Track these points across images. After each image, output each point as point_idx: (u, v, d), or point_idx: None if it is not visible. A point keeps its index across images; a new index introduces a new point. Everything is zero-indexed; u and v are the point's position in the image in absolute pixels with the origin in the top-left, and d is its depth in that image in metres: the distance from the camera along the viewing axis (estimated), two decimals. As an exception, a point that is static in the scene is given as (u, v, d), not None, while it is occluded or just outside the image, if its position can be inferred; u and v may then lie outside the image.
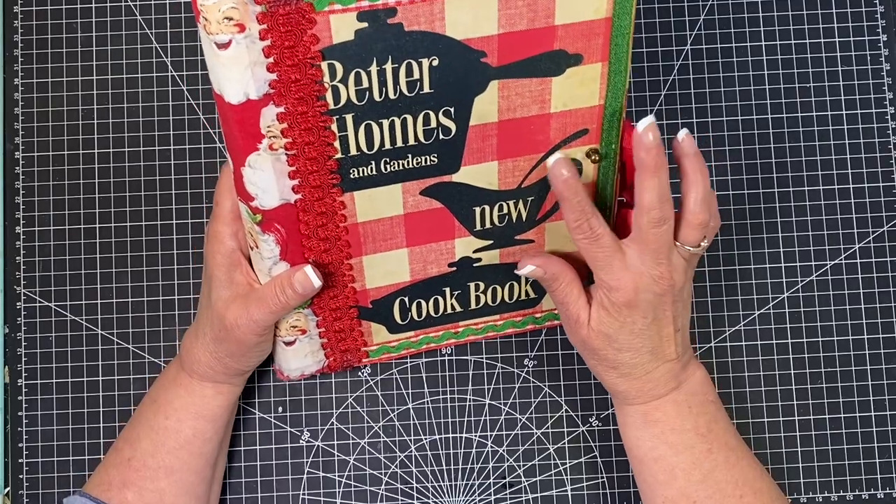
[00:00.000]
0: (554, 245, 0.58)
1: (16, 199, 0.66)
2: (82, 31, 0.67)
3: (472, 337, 0.63)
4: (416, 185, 0.53)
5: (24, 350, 0.65)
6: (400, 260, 0.57)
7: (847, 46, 0.67)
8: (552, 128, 0.53)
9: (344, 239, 0.54)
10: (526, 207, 0.56)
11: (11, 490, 0.64)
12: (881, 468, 0.64)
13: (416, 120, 0.50)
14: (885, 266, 0.65)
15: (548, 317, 0.63)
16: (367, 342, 0.61)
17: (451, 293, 0.60)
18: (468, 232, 0.57)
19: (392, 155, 0.51)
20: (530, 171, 0.54)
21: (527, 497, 0.64)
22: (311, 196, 0.52)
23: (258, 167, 0.50)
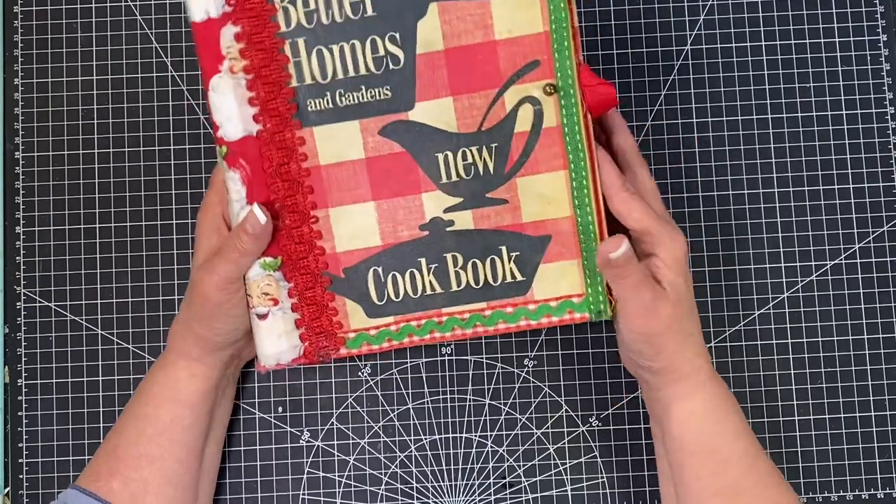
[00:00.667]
0: (529, 206, 0.56)
1: (16, 199, 0.66)
2: (82, 31, 0.67)
3: (459, 330, 0.57)
4: (373, 122, 0.54)
5: (24, 350, 0.65)
6: (367, 216, 0.56)
7: (847, 46, 0.67)
8: (501, 58, 0.53)
9: (307, 184, 0.55)
10: (491, 156, 0.55)
11: (11, 490, 0.64)
12: (881, 468, 0.64)
13: (365, 46, 0.53)
14: (885, 266, 0.65)
15: (543, 310, 0.57)
16: (342, 325, 0.58)
17: (427, 266, 0.57)
18: (434, 185, 0.56)
19: (346, 86, 0.54)
20: (487, 109, 0.54)
21: (527, 497, 0.64)
22: (272, 127, 0.54)
23: (220, 91, 0.53)
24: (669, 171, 0.66)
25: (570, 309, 0.56)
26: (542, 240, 0.56)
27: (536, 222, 0.56)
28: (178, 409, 0.57)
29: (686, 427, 0.55)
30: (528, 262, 0.56)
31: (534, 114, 0.54)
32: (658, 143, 0.66)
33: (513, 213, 0.56)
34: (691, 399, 0.55)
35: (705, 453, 0.54)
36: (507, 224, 0.56)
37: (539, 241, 0.56)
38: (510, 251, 0.56)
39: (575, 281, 0.56)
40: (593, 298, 0.56)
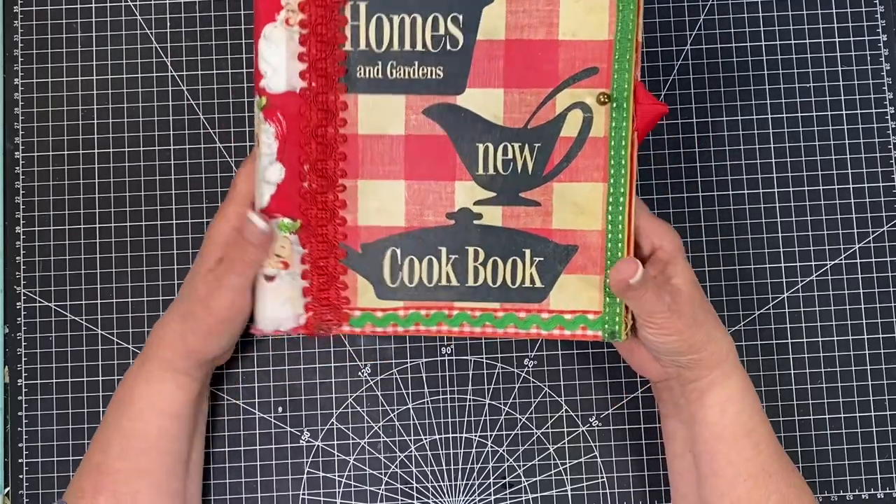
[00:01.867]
0: (562, 213, 0.54)
1: (16, 199, 0.66)
2: (82, 31, 0.67)
3: (468, 327, 0.56)
4: (420, 100, 0.53)
5: (24, 350, 0.65)
6: (396, 194, 0.54)
7: (847, 46, 0.67)
8: (560, 58, 0.53)
9: (341, 150, 0.54)
10: (532, 156, 0.54)
11: (11, 490, 0.64)
12: (881, 468, 0.64)
13: (426, 22, 0.53)
14: (885, 266, 0.65)
15: (556, 321, 0.55)
16: (350, 301, 0.55)
17: (447, 255, 0.55)
18: (470, 175, 0.54)
19: (399, 58, 0.53)
20: (537, 108, 0.53)
21: (527, 497, 0.64)
22: (317, 86, 0.53)
23: (273, 40, 0.52)
24: (669, 171, 0.66)
25: (583, 325, 0.55)
26: (568, 249, 0.55)
27: (566, 231, 0.54)
28: (165, 421, 0.57)
29: (725, 409, 0.55)
30: (549, 270, 0.55)
31: (583, 120, 0.53)
32: (658, 143, 0.66)
33: (543, 217, 0.54)
34: (728, 382, 0.55)
35: (742, 436, 0.55)
36: (536, 227, 0.55)
37: (565, 250, 0.55)
38: (534, 255, 0.55)
39: (594, 297, 0.55)
40: (609, 318, 0.55)
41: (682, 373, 0.55)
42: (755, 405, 0.56)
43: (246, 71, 0.67)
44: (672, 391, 0.57)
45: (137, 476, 0.56)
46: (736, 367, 0.56)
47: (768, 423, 0.56)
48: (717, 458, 0.55)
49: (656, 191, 0.66)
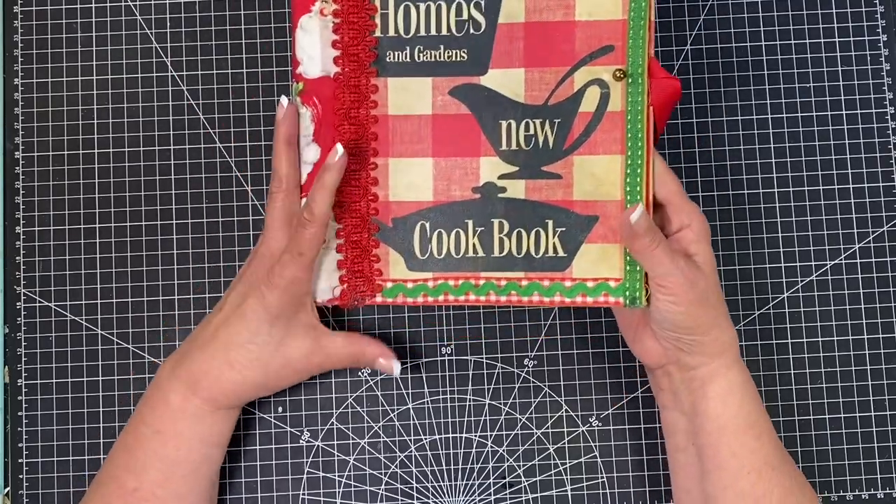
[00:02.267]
0: (582, 184, 0.57)
1: (16, 199, 0.66)
2: (82, 31, 0.67)
3: (494, 296, 0.58)
4: (445, 81, 0.57)
5: (24, 350, 0.65)
6: (424, 171, 0.57)
7: (847, 46, 0.67)
8: (577, 38, 0.56)
9: (372, 130, 0.57)
10: (553, 131, 0.57)
11: (11, 490, 0.64)
12: (881, 468, 0.64)
13: (450, 8, 0.56)
14: (885, 266, 0.65)
15: (579, 288, 0.57)
16: (382, 273, 0.58)
17: (473, 228, 0.58)
18: (494, 151, 0.57)
19: (426, 43, 0.57)
20: (556, 86, 0.56)
21: (527, 497, 0.64)
22: (349, 71, 0.57)
23: (308, 30, 0.56)
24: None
25: (605, 291, 0.57)
26: (588, 219, 0.57)
27: (586, 201, 0.57)
28: (212, 451, 0.58)
29: (727, 401, 0.55)
30: (571, 240, 0.57)
31: (600, 96, 0.56)
32: (659, 143, 0.66)
33: (564, 189, 0.57)
34: (730, 374, 0.55)
35: (745, 427, 0.55)
36: (558, 199, 0.57)
37: (586, 221, 0.57)
38: (556, 226, 0.57)
39: (615, 265, 0.57)
40: (630, 285, 0.57)
41: (682, 357, 0.55)
42: (756, 398, 0.56)
43: (246, 71, 0.67)
44: (671, 378, 0.57)
45: (175, 500, 0.56)
46: (737, 360, 0.56)
47: (769, 417, 0.56)
48: (720, 450, 0.55)
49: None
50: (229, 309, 0.57)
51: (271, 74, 0.67)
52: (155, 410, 0.57)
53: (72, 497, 0.64)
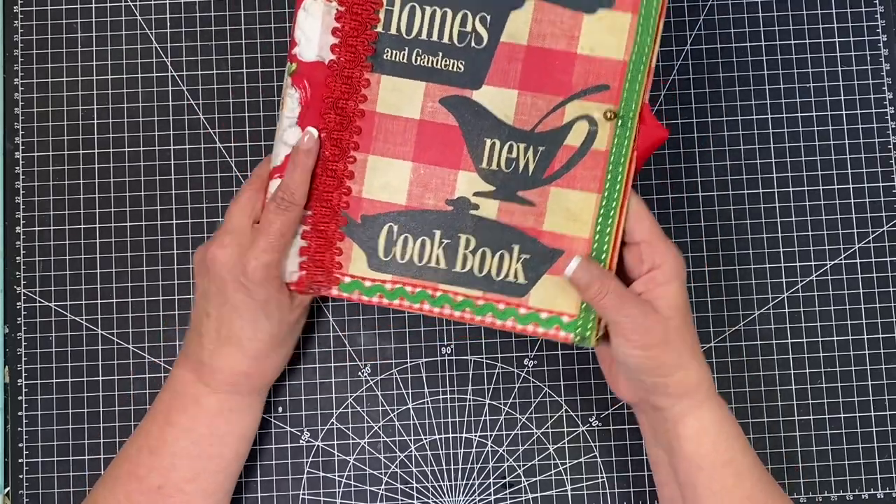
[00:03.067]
0: (554, 216, 0.56)
1: (16, 199, 0.66)
2: (82, 31, 0.67)
3: (448, 309, 0.57)
4: (438, 89, 0.56)
5: (24, 350, 0.65)
6: (402, 174, 0.57)
7: (847, 46, 0.67)
8: (576, 71, 0.55)
9: (357, 124, 0.57)
10: (535, 158, 0.56)
11: (11, 490, 0.64)
12: (881, 468, 0.64)
13: (455, 17, 0.56)
14: (885, 266, 0.65)
15: (532, 317, 0.57)
16: (342, 266, 0.58)
17: (440, 239, 0.57)
18: (474, 167, 0.57)
19: (425, 47, 0.56)
20: (547, 114, 0.56)
21: (527, 497, 0.64)
22: (344, 61, 0.56)
23: (311, 13, 0.56)
24: (669, 171, 0.66)
25: (557, 325, 0.56)
26: (554, 252, 0.56)
27: (555, 233, 0.56)
28: (242, 445, 0.59)
29: (699, 441, 0.54)
30: (533, 268, 0.56)
31: (588, 133, 0.55)
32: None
33: (536, 217, 0.56)
34: (700, 412, 0.55)
35: (720, 466, 0.54)
36: (528, 226, 0.56)
37: (551, 252, 0.56)
38: (521, 252, 0.56)
39: (572, 300, 0.56)
40: (583, 323, 0.56)
41: (649, 398, 0.55)
42: (733, 434, 0.55)
43: (246, 71, 0.67)
44: (647, 416, 0.57)
45: (202, 498, 0.57)
46: (709, 397, 0.55)
47: (752, 452, 0.56)
48: (698, 489, 0.54)
49: (656, 191, 0.66)
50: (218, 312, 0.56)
51: (271, 75, 0.67)
52: (187, 412, 0.57)
53: (72, 497, 0.64)
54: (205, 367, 0.57)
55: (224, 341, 0.56)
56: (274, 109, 0.66)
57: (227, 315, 0.56)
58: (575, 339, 0.56)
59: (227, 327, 0.56)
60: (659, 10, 0.54)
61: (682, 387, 0.54)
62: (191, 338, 0.58)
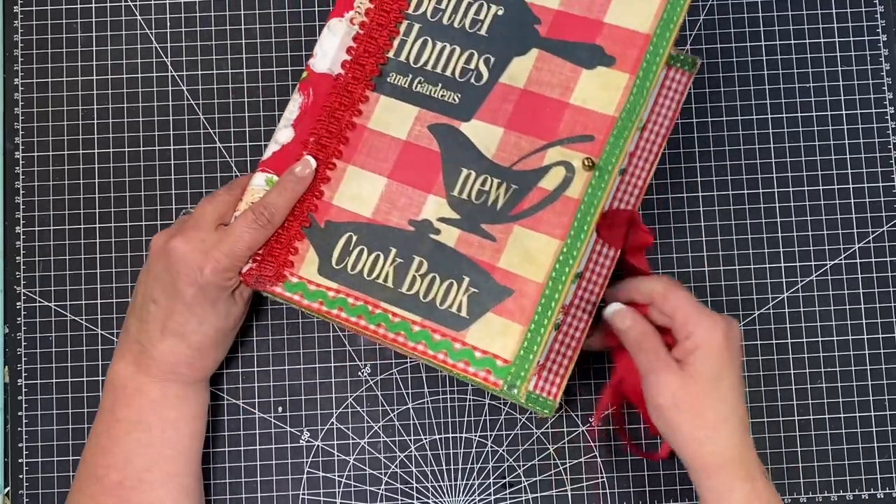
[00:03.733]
0: (512, 254, 0.55)
1: (16, 199, 0.66)
2: (82, 31, 0.67)
3: (383, 329, 0.56)
4: (429, 115, 0.58)
5: (24, 350, 0.65)
6: (375, 187, 0.58)
7: (847, 46, 0.67)
8: (564, 119, 0.56)
9: (346, 134, 0.59)
10: (506, 194, 0.56)
11: (11, 490, 0.64)
12: (881, 468, 0.64)
13: (462, 55, 0.58)
14: (885, 266, 0.65)
15: (464, 354, 0.54)
16: (293, 265, 0.58)
17: (394, 257, 0.56)
18: (445, 193, 0.57)
19: (427, 77, 0.59)
20: (527, 154, 0.56)
21: (527, 497, 0.64)
22: (350, 77, 0.59)
23: (334, 31, 0.60)
24: (669, 172, 0.66)
25: (488, 368, 0.54)
26: (503, 290, 0.55)
27: (508, 272, 0.55)
28: (197, 425, 0.59)
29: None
30: (479, 304, 0.55)
31: (563, 178, 0.55)
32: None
33: (493, 252, 0.55)
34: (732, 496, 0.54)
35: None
36: (483, 259, 0.55)
37: (500, 290, 0.55)
38: (470, 285, 0.55)
39: (509, 345, 0.54)
40: (515, 371, 0.53)
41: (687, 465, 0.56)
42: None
43: (246, 71, 0.67)
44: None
45: (163, 482, 0.57)
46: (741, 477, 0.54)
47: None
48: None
49: (656, 191, 0.66)
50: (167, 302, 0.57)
51: (271, 74, 0.67)
52: (131, 406, 0.57)
53: (72, 497, 0.64)
54: (145, 355, 0.57)
55: (168, 332, 0.57)
56: (274, 109, 0.67)
57: (175, 307, 0.56)
58: (504, 385, 0.53)
59: (173, 319, 0.56)
60: (655, 76, 0.54)
61: (699, 463, 0.54)
62: (130, 324, 0.58)
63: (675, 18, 0.55)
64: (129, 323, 0.58)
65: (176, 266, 0.55)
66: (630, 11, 0.55)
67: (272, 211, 0.57)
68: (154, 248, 0.57)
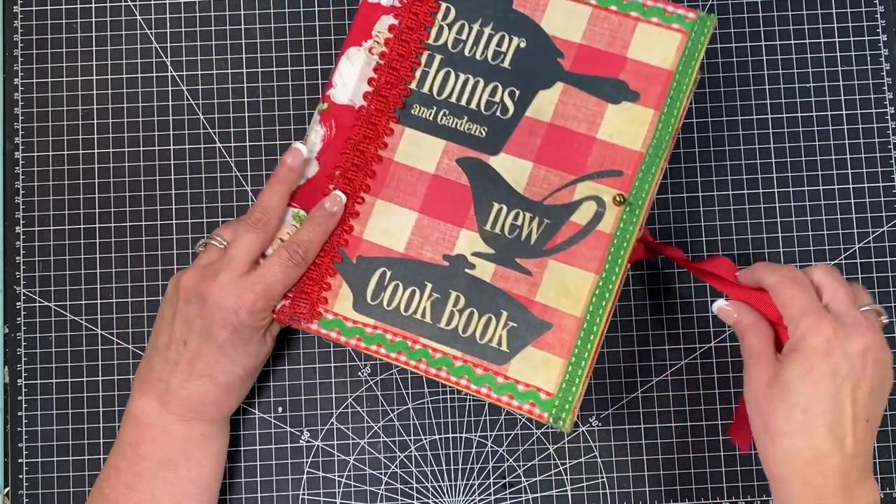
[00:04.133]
0: (548, 289, 0.56)
1: (16, 199, 0.66)
2: (82, 31, 0.67)
3: (424, 364, 0.56)
4: (457, 149, 0.58)
5: (24, 350, 0.65)
6: (406, 222, 0.58)
7: (847, 46, 0.67)
8: (592, 154, 0.57)
9: (373, 167, 0.58)
10: (539, 229, 0.57)
11: (11, 490, 0.64)
12: (881, 468, 0.64)
13: (486, 87, 0.58)
14: (885, 266, 0.65)
15: (508, 388, 0.55)
16: (327, 302, 0.58)
17: (430, 292, 0.57)
18: (477, 227, 0.57)
19: (452, 109, 0.59)
20: (558, 189, 0.57)
21: (527, 497, 0.64)
22: (374, 107, 0.59)
23: (352, 60, 0.59)
24: (669, 172, 0.66)
25: (533, 401, 0.55)
26: (542, 324, 0.56)
27: (546, 306, 0.56)
28: (220, 463, 0.60)
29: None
30: (519, 338, 0.56)
31: (594, 213, 0.56)
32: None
33: (530, 287, 0.56)
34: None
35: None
36: (520, 294, 0.56)
37: (539, 324, 0.56)
38: (509, 319, 0.56)
39: (552, 378, 0.55)
40: (559, 403, 0.55)
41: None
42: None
43: (246, 71, 0.67)
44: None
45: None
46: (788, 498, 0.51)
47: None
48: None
49: (657, 191, 0.66)
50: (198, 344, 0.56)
51: (271, 74, 0.67)
52: (157, 443, 0.57)
53: (72, 497, 0.64)
54: (171, 394, 0.56)
55: (197, 373, 0.56)
56: (274, 110, 0.66)
57: (207, 349, 0.56)
58: (549, 419, 0.55)
59: (203, 361, 0.56)
60: (681, 112, 0.56)
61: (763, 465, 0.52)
62: (154, 362, 0.57)
63: (696, 55, 0.56)
64: (152, 360, 0.57)
65: (210, 310, 0.55)
66: (652, 47, 0.57)
67: (306, 248, 0.56)
68: (184, 290, 0.56)
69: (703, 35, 0.56)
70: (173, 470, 0.57)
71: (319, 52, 0.67)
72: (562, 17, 0.58)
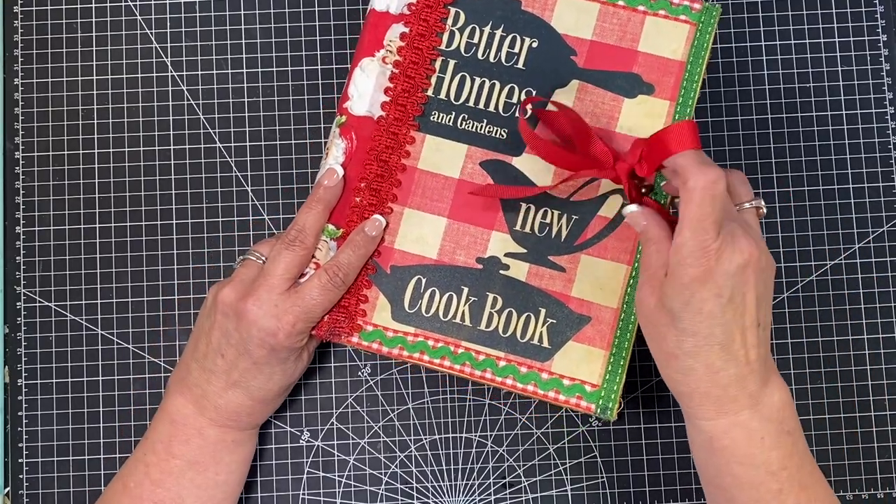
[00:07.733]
0: (583, 283, 0.57)
1: (16, 199, 0.66)
2: (82, 31, 0.67)
3: (469, 367, 0.57)
4: (479, 152, 0.59)
5: (24, 350, 0.65)
6: (436, 228, 0.58)
7: (847, 46, 0.67)
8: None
9: (398, 177, 0.58)
10: (568, 225, 0.57)
11: (11, 490, 0.64)
12: (881, 468, 0.64)
13: (503, 90, 0.59)
14: (885, 266, 0.65)
15: (554, 383, 0.56)
16: (365, 314, 0.58)
17: (467, 296, 0.58)
18: (507, 228, 0.58)
19: (471, 114, 0.59)
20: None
21: (527, 497, 0.64)
22: (393, 117, 0.59)
23: (366, 71, 0.59)
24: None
25: (579, 394, 0.56)
26: (581, 318, 0.57)
27: (583, 300, 0.57)
28: (245, 469, 0.60)
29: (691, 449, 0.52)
30: (559, 333, 0.57)
31: (621, 205, 0.57)
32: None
33: (565, 283, 0.57)
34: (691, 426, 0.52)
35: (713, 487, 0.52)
36: (556, 290, 0.57)
37: (578, 319, 0.57)
38: (548, 316, 0.57)
39: (595, 370, 0.56)
40: (605, 394, 0.56)
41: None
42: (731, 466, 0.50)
43: (246, 71, 0.67)
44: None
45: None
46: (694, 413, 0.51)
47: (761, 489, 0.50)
48: (706, 493, 0.53)
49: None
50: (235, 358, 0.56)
51: (271, 74, 0.67)
52: (189, 444, 0.57)
53: (72, 497, 0.64)
54: (207, 400, 0.57)
55: (232, 385, 0.57)
56: (274, 110, 0.66)
57: (244, 366, 0.56)
58: (597, 410, 0.56)
59: (240, 374, 0.56)
60: (695, 99, 0.57)
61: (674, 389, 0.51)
62: (191, 367, 0.57)
63: (706, 44, 0.57)
64: (189, 365, 0.57)
65: (248, 328, 0.55)
66: (662, 39, 0.57)
67: (346, 271, 0.57)
68: (222, 305, 0.56)
69: (710, 25, 0.57)
70: (202, 472, 0.57)
71: (320, 53, 0.67)
72: (571, 15, 0.58)
